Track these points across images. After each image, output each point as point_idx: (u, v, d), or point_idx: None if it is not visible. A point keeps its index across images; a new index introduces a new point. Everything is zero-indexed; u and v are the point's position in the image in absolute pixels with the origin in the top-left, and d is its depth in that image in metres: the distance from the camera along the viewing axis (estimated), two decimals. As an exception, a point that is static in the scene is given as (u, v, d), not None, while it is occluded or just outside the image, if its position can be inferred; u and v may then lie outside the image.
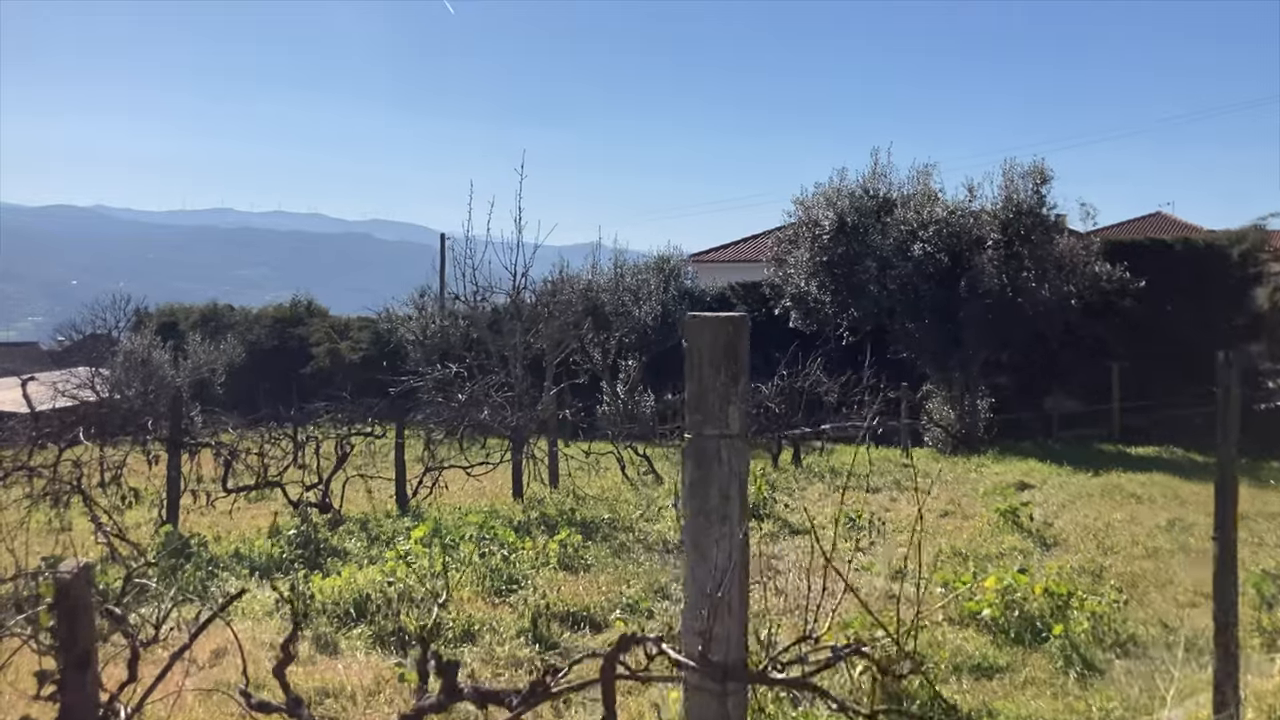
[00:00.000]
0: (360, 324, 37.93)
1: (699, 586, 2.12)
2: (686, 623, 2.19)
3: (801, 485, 13.60)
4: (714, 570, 2.06)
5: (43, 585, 4.08)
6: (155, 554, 9.14)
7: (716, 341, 2.14)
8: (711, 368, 2.12)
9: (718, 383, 2.10)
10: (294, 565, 9.11)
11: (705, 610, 2.05)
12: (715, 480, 2.07)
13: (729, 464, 2.08)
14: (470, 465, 12.18)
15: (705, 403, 2.10)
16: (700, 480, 2.10)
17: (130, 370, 33.04)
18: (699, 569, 2.13)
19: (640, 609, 7.80)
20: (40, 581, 4.05)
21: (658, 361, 25.57)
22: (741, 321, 2.21)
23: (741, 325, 2.21)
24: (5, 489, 9.23)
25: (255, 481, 10.39)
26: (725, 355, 2.14)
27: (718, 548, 2.09)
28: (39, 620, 4.12)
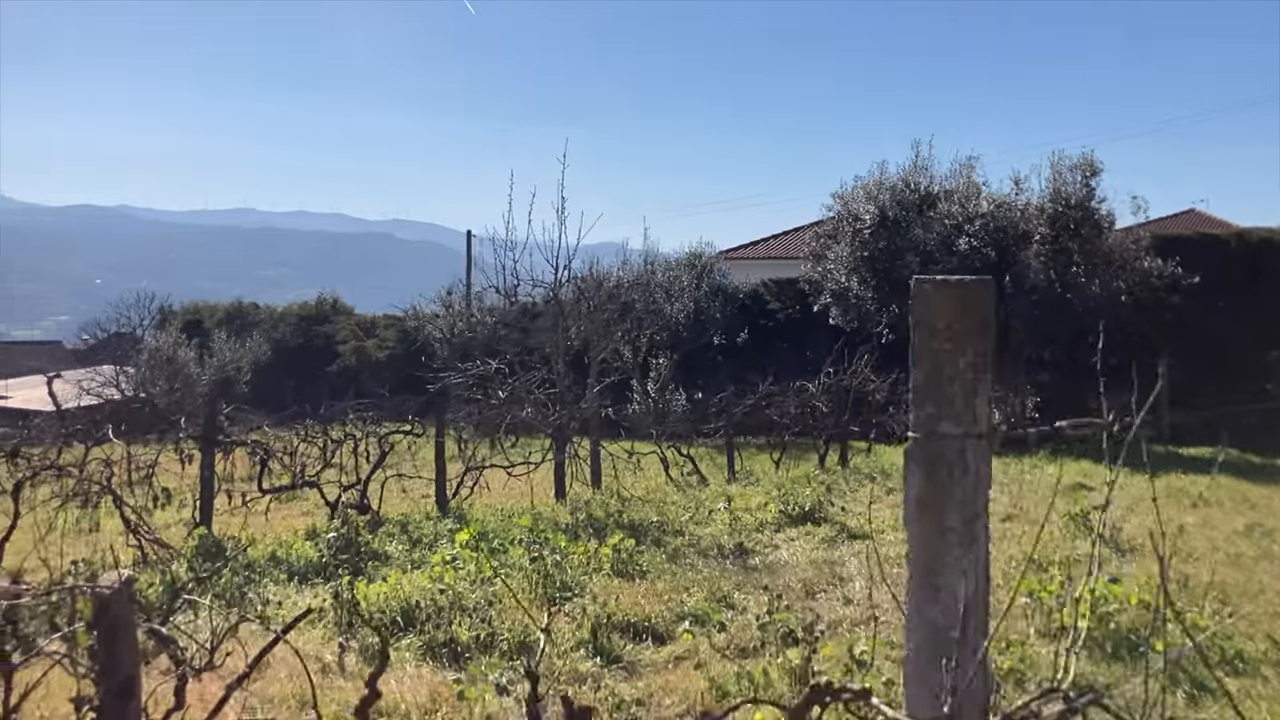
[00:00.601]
0: (386, 322, 37.60)
1: (930, 626, 1.65)
2: (914, 671, 1.72)
3: (852, 487, 13.08)
4: (954, 606, 1.59)
5: (81, 601, 3.64)
6: (189, 557, 8.73)
7: (960, 311, 1.67)
8: (952, 345, 1.65)
9: (961, 365, 1.63)
10: (336, 570, 8.68)
11: (943, 658, 1.58)
12: (956, 492, 1.61)
13: (975, 472, 1.62)
14: (511, 465, 11.73)
15: (942, 391, 1.64)
16: (935, 493, 1.64)
17: (155, 368, 32.81)
18: (929, 604, 1.66)
19: (707, 620, 7.31)
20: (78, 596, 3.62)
21: (688, 359, 25.10)
22: (989, 286, 1.74)
23: (989, 291, 1.73)
24: (33, 488, 8.84)
25: (290, 481, 9.97)
26: (972, 329, 1.67)
27: (959, 579, 1.62)
28: (76, 639, 3.68)
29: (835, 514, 11.15)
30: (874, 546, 9.82)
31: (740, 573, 8.82)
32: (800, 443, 15.98)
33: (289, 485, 9.98)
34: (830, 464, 14.83)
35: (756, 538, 10.18)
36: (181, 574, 8.32)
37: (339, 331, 38.26)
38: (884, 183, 21.16)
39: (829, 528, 10.58)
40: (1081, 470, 15.32)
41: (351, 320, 39.19)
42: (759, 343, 25.53)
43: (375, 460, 10.49)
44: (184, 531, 10.31)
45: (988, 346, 1.69)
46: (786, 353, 24.24)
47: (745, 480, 13.57)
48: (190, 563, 8.62)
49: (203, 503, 9.45)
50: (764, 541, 10.09)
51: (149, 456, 9.47)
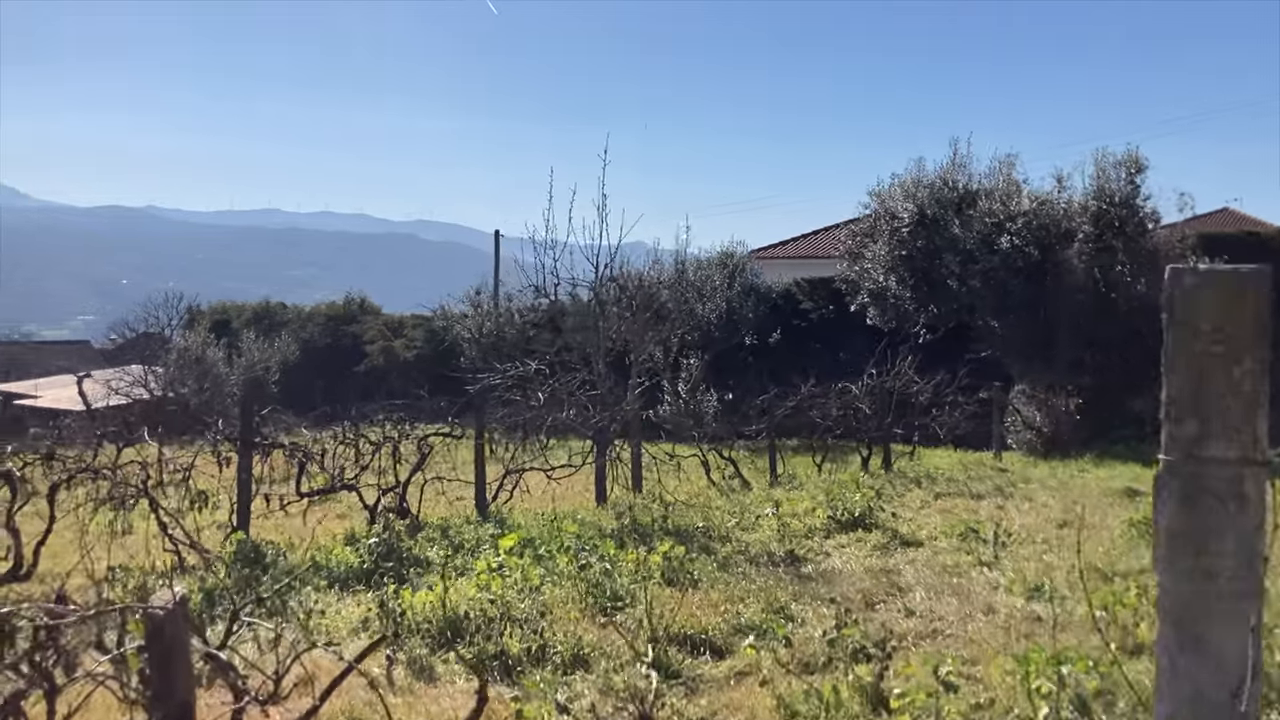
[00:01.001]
0: (414, 322, 37.50)
1: (1192, 690, 1.35)
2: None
3: (899, 491, 12.75)
4: (1227, 669, 1.30)
5: (132, 622, 3.38)
6: (228, 563, 8.50)
7: (1234, 308, 1.37)
8: (1222, 349, 1.35)
9: (1236, 375, 1.33)
10: (378, 577, 8.43)
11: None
12: (1228, 529, 1.31)
13: (1254, 505, 1.32)
14: (550, 468, 11.46)
15: (1210, 405, 1.33)
16: (1198, 528, 1.33)
17: (184, 368, 32.79)
18: (1191, 662, 1.36)
19: (767, 632, 7.01)
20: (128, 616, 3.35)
21: (719, 360, 24.78)
22: (1266, 278, 1.44)
23: (1266, 284, 1.43)
24: (69, 491, 8.63)
25: (328, 484, 9.74)
26: (1248, 330, 1.37)
27: (1230, 635, 1.32)
28: (127, 662, 3.43)
29: (885, 520, 10.81)
30: (931, 555, 9.50)
31: (794, 582, 8.51)
32: (840, 445, 15.64)
33: (327, 488, 9.74)
34: (873, 467, 14.49)
35: (806, 544, 9.87)
36: (222, 580, 8.09)
37: (367, 331, 38.19)
38: (922, 180, 20.79)
39: (880, 534, 10.24)
40: (1132, 474, 14.92)
41: (379, 320, 39.13)
42: (791, 343, 25.16)
43: (414, 463, 10.24)
44: (219, 535, 10.10)
45: (1265, 352, 1.38)
46: (819, 353, 23.91)
47: (788, 484, 13.26)
48: (229, 569, 8.38)
49: (240, 506, 9.23)
50: (814, 548, 9.78)
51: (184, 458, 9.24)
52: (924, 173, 21.00)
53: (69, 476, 8.28)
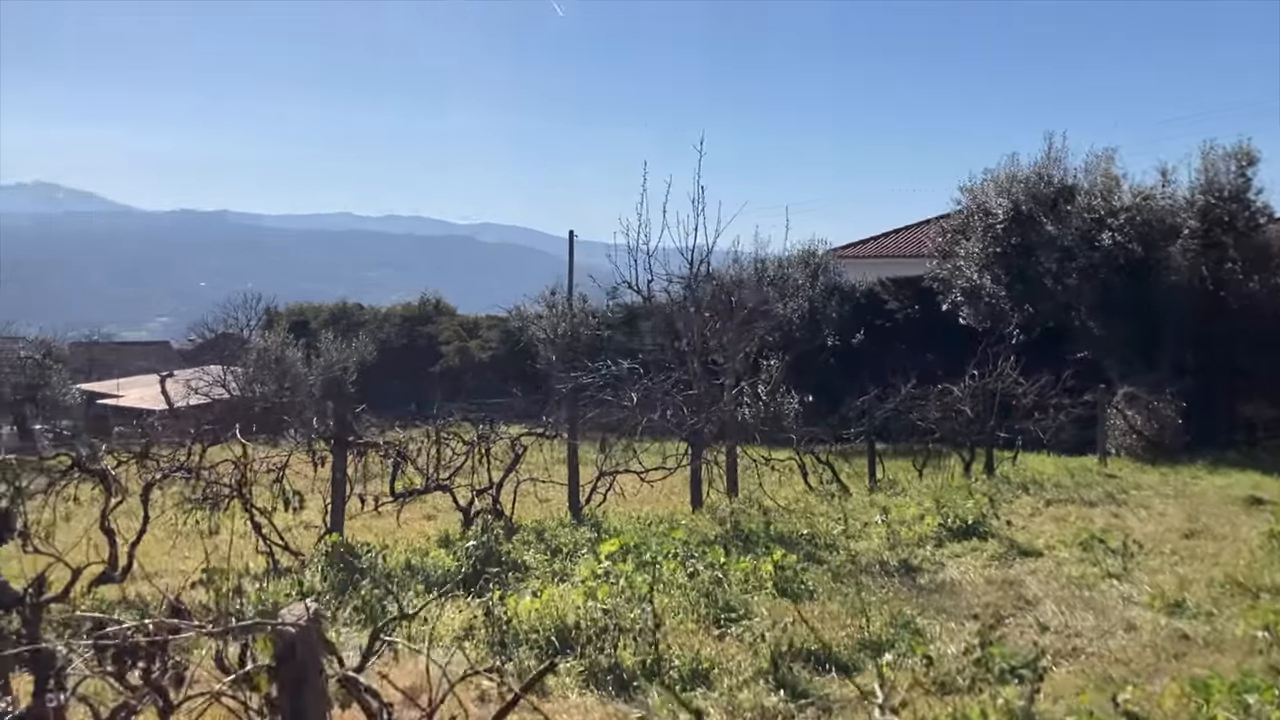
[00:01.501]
0: (489, 322, 37.44)
1: None
2: None
3: (1007, 498, 12.15)
4: None
5: (260, 642, 3.06)
6: (323, 565, 8.25)
7: None
8: None
9: None
10: (477, 581, 8.11)
11: None
12: None
13: None
14: (645, 471, 11.09)
15: None
16: None
17: (264, 368, 33.07)
18: None
19: (893, 648, 6.55)
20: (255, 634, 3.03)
21: (798, 361, 24.21)
22: None
23: None
24: (160, 490, 8.45)
25: (423, 485, 9.46)
26: None
27: None
28: (256, 685, 3.10)
29: (999, 528, 10.25)
30: (1054, 566, 8.94)
31: (912, 593, 8.02)
32: (938, 449, 15.05)
33: (420, 488, 9.47)
34: (975, 472, 13.89)
35: (919, 553, 9.36)
36: (316, 583, 7.84)
37: (442, 332, 38.21)
38: (1016, 176, 20.06)
39: (996, 543, 9.69)
40: (1251, 482, 14.11)
41: (454, 321, 39.14)
42: (874, 344, 24.51)
43: (508, 463, 9.94)
44: (310, 535, 9.88)
45: None
46: (903, 354, 23.27)
47: (889, 490, 12.73)
48: (325, 571, 8.12)
49: (334, 506, 8.98)
50: (928, 558, 9.26)
51: (276, 457, 9.02)
52: (1018, 168, 20.27)
53: (163, 475, 8.09)
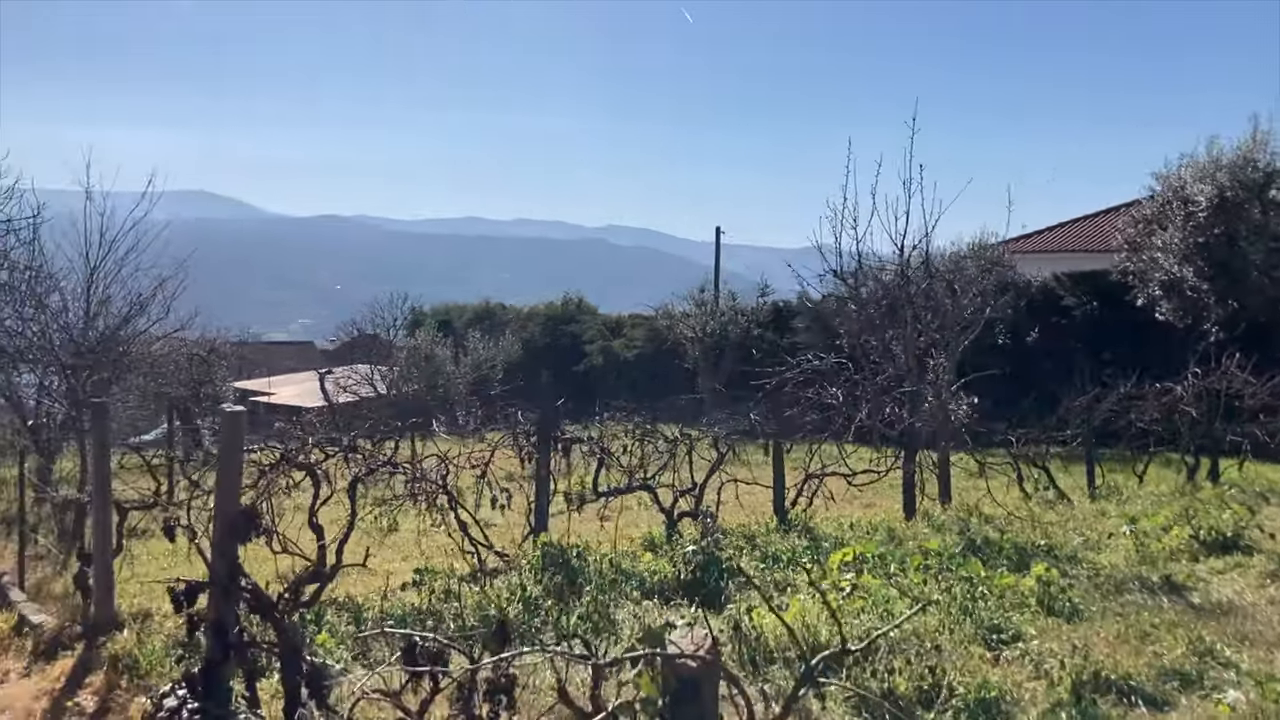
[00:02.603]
0: (633, 321, 37.06)
1: None
2: None
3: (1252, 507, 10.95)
4: None
5: (644, 679, 2.46)
6: (535, 568, 7.76)
7: None
8: None
9: None
10: (698, 590, 7.51)
11: None
12: None
13: None
14: (852, 473, 10.35)
15: None
16: None
17: (414, 366, 33.35)
18: None
19: (1199, 681, 5.67)
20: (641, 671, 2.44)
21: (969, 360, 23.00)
22: None
23: None
24: (365, 489, 8.09)
25: (626, 483, 8.92)
26: None
27: None
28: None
29: (1260, 541, 9.14)
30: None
31: (1190, 615, 7.07)
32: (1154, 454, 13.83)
33: (625, 488, 8.93)
34: (1199, 478, 12.68)
35: (1173, 568, 8.37)
36: (532, 588, 7.34)
37: (586, 331, 38.01)
38: (1219, 161, 18.53)
39: (1265, 559, 8.60)
40: None
41: (597, 320, 38.91)
42: (1048, 342, 23.15)
43: (712, 463, 9.32)
44: (504, 533, 9.43)
45: None
46: (1078, 352, 21.95)
47: (1112, 496, 11.66)
48: (538, 575, 7.63)
49: (537, 504, 8.51)
50: (1185, 573, 8.26)
51: (477, 453, 8.59)
52: (1220, 152, 18.74)
53: (369, 470, 7.73)
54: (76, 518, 11.72)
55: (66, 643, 6.73)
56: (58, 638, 6.80)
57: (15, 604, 7.84)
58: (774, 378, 11.83)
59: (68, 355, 11.85)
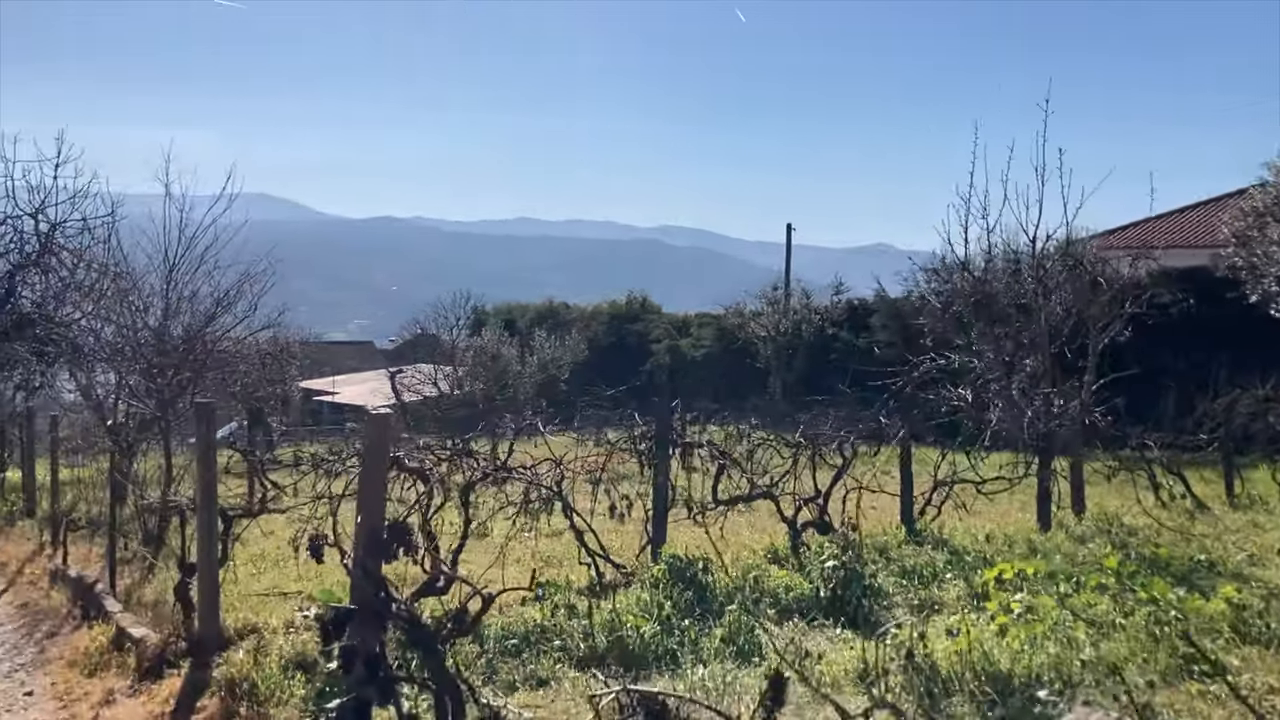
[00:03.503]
0: (699, 320, 36.44)
1: None
2: None
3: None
4: None
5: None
6: (662, 582, 7.19)
7: None
8: None
9: None
10: (839, 608, 6.90)
11: None
12: None
13: None
14: (981, 481, 9.67)
15: None
16: None
17: (481, 365, 33.01)
18: None
19: None
20: None
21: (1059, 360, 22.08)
22: None
23: None
24: (477, 494, 7.57)
25: (748, 491, 8.33)
26: None
27: None
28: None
29: None
30: None
31: None
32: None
33: (746, 495, 8.35)
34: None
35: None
36: (663, 604, 6.77)
37: (652, 330, 37.49)
38: (1339, 147, 17.46)
39: None
40: None
41: (663, 319, 38.37)
42: (1140, 342, 22.13)
43: (837, 470, 8.71)
44: (613, 540, 8.86)
45: None
46: (1168, 353, 21.07)
47: (1258, 506, 10.85)
48: (667, 590, 7.06)
49: (655, 513, 7.95)
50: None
51: (592, 457, 8.03)
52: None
53: (483, 475, 7.22)
54: (160, 521, 11.39)
55: (171, 660, 6.29)
56: (162, 654, 6.36)
57: (112, 615, 7.43)
58: (899, 377, 11.16)
59: (152, 354, 11.51)
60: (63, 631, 7.98)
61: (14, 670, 7.26)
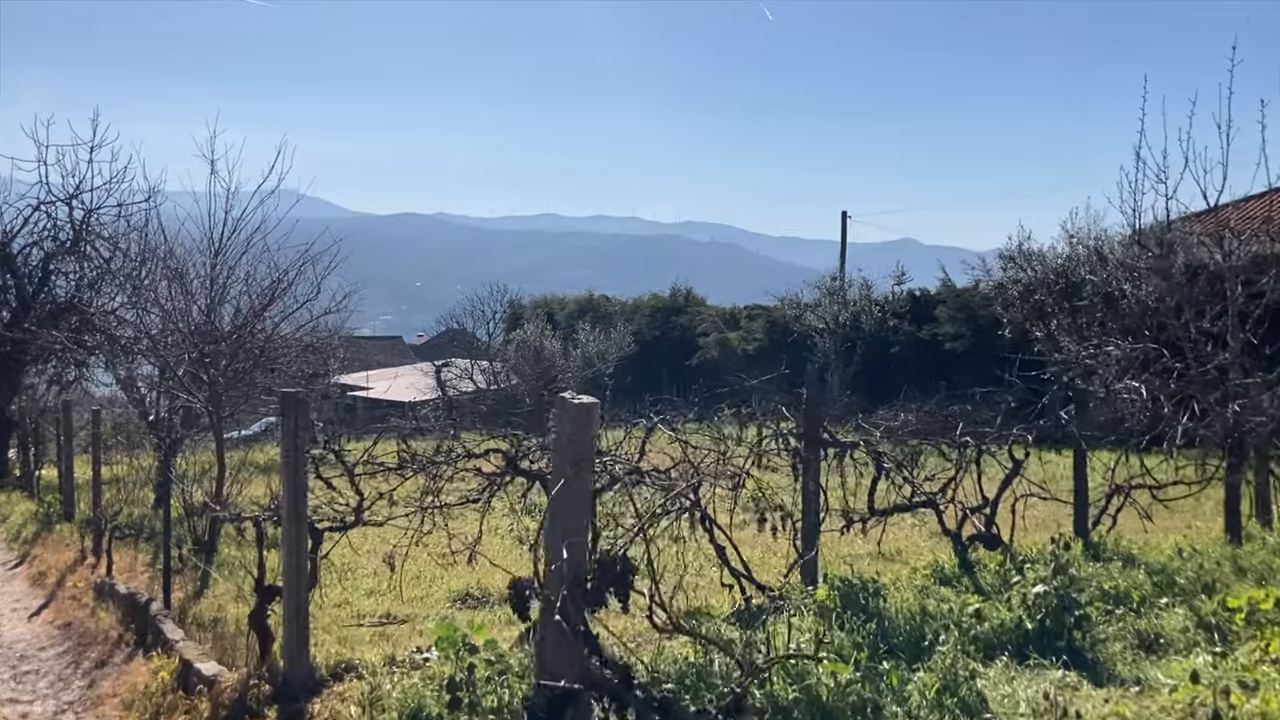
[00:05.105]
0: (748, 313, 35.14)
1: None
2: None
3: None
4: None
5: None
6: (830, 607, 5.99)
7: None
8: None
9: None
10: (1051, 643, 5.68)
11: None
12: None
13: None
14: (1158, 485, 8.42)
15: None
16: None
17: (525, 359, 31.91)
18: None
19: None
20: None
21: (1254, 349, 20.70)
22: None
23: None
24: (607, 496, 6.38)
25: (909, 499, 7.12)
26: None
27: None
28: None
29: None
30: None
31: None
32: None
33: (906, 504, 7.15)
34: None
35: None
36: (837, 636, 5.57)
37: (699, 324, 36.25)
38: None
39: None
40: None
41: (709, 312, 37.13)
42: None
43: (1007, 473, 7.48)
44: (785, 565, 7.63)
45: None
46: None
47: None
48: (840, 620, 5.85)
49: (806, 524, 6.74)
50: None
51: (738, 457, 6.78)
52: None
53: (613, 480, 6.04)
54: (211, 526, 10.30)
55: (254, 708, 5.13)
56: (242, 700, 5.19)
57: (173, 644, 6.27)
58: (1064, 367, 9.90)
59: (203, 341, 10.40)
60: (114, 660, 6.85)
61: (60, 712, 6.14)
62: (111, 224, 20.86)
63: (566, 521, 2.82)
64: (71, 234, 21.42)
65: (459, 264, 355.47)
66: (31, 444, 19.60)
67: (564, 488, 2.89)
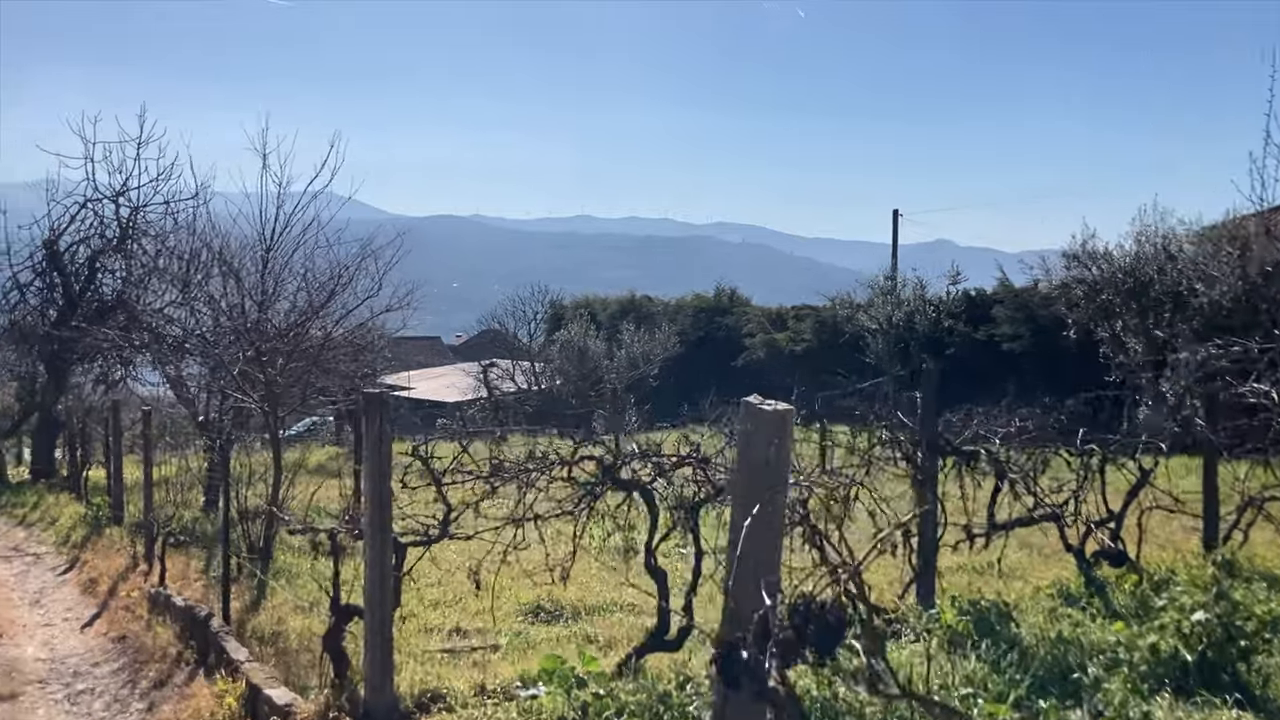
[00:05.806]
0: (796, 313, 34.46)
1: None
2: None
3: None
4: None
5: None
6: (955, 630, 5.40)
7: None
8: None
9: None
10: (1214, 675, 5.06)
11: None
12: None
13: None
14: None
15: None
16: None
17: (568, 359, 31.46)
18: None
19: None
20: None
21: (1212, 358, 19.84)
22: None
23: None
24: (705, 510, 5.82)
25: (1031, 512, 6.52)
26: None
27: None
28: None
29: None
30: None
31: None
32: None
33: (1027, 518, 6.54)
34: None
35: None
36: (973, 668, 4.99)
37: (744, 324, 35.61)
38: None
39: None
40: None
41: (755, 312, 36.48)
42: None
43: (1133, 484, 6.86)
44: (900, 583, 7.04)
45: None
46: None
47: None
48: (971, 643, 5.27)
49: (922, 540, 6.16)
50: None
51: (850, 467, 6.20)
52: None
53: (716, 491, 5.49)
54: (267, 531, 9.86)
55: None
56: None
57: (238, 665, 5.78)
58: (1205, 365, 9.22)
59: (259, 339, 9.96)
60: (174, 680, 6.38)
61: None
62: (159, 221, 20.61)
63: (759, 555, 2.27)
64: (118, 231, 21.19)
65: (498, 264, 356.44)
66: (79, 444, 19.34)
67: (758, 516, 2.34)
